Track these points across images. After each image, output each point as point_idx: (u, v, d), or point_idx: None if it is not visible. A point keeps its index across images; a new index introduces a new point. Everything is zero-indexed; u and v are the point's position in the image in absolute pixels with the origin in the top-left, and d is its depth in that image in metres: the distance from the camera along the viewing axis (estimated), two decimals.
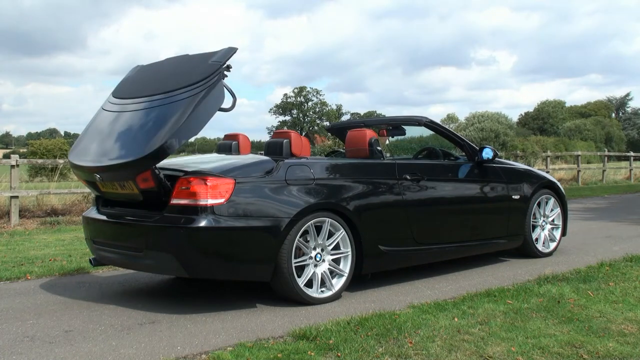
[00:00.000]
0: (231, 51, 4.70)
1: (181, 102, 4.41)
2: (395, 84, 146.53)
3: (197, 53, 5.05)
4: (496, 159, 6.07)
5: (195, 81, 4.49)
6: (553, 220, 6.65)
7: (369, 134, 5.51)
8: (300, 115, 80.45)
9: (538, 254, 6.45)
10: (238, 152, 5.66)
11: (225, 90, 4.60)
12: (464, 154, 6.14)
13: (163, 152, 4.25)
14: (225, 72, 4.60)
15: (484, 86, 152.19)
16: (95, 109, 5.27)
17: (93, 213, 5.11)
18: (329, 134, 9.02)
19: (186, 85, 4.52)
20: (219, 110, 4.58)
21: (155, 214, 4.50)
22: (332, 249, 4.79)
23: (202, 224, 4.25)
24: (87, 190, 11.62)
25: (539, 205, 6.49)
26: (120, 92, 5.11)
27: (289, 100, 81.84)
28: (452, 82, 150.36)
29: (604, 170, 22.60)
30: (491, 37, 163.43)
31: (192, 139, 5.06)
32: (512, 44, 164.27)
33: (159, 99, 4.61)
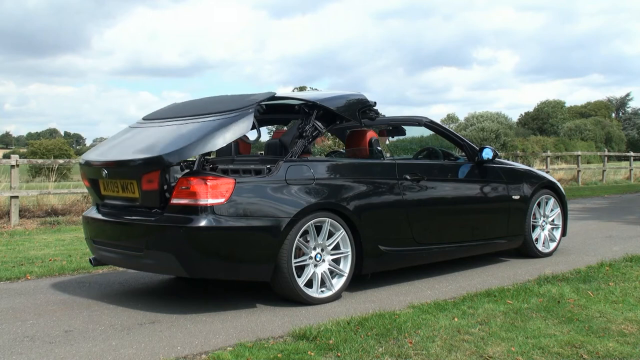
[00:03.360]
0: (269, 94, 4.98)
1: (209, 124, 4.60)
2: (396, 84, 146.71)
3: (236, 94, 5.34)
4: (496, 159, 6.07)
5: (228, 109, 4.71)
6: (553, 221, 6.65)
7: (369, 134, 5.51)
8: None
9: (538, 254, 6.45)
10: (238, 152, 5.66)
11: (253, 125, 4.71)
12: (464, 154, 6.14)
13: (176, 156, 4.34)
14: (259, 110, 4.82)
15: (485, 86, 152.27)
16: (97, 109, 5.39)
17: (93, 213, 5.12)
18: (329, 134, 9.02)
19: (218, 112, 4.74)
20: (241, 139, 4.82)
21: (155, 214, 4.51)
22: (332, 249, 4.78)
23: (202, 223, 4.25)
24: (86, 190, 11.60)
25: (539, 205, 6.48)
26: (151, 116, 5.44)
27: None
28: (454, 82, 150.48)
29: (604, 170, 22.60)
30: (494, 37, 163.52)
31: None
32: (514, 44, 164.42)
33: (188, 120, 4.84)
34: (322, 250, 4.74)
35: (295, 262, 4.54)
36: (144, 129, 5.16)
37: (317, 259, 4.71)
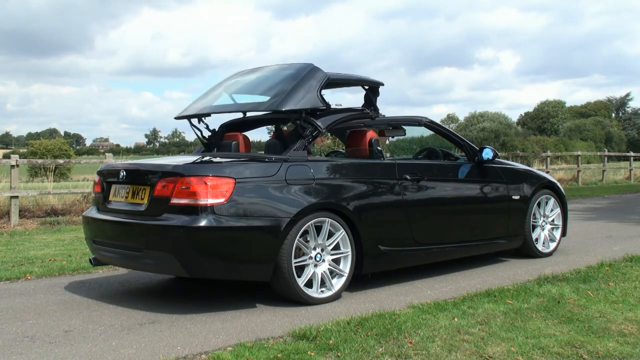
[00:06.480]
0: None
1: None
2: (398, 84, 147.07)
3: None
4: (496, 159, 6.07)
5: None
6: (553, 221, 6.65)
7: (369, 134, 5.51)
8: None
9: (538, 254, 6.45)
10: (238, 152, 5.65)
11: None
12: (464, 154, 6.14)
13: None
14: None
15: (487, 86, 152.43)
16: (98, 109, 5.39)
17: (93, 213, 5.12)
18: (329, 134, 9.03)
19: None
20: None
21: (155, 214, 4.50)
22: (332, 249, 4.78)
23: (203, 223, 4.25)
24: (86, 190, 11.61)
25: (539, 205, 6.48)
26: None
27: None
28: (455, 83, 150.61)
29: (603, 170, 22.60)
30: (496, 37, 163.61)
31: (191, 139, 5.34)
32: (517, 45, 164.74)
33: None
34: (322, 250, 4.74)
35: (295, 262, 4.54)
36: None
37: (317, 259, 4.70)
